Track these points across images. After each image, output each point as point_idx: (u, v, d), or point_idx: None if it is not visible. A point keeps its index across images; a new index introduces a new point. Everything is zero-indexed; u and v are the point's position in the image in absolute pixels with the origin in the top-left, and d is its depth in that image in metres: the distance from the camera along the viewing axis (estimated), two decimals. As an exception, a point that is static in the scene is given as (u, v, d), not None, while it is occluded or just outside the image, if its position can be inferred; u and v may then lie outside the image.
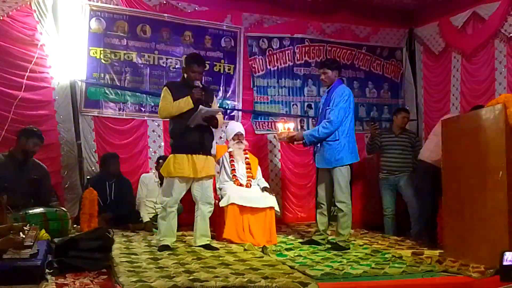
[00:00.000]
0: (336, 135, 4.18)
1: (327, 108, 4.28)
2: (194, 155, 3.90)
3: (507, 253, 2.96)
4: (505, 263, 2.95)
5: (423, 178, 4.65)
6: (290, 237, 4.84)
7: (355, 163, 4.39)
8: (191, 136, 3.89)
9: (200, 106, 3.80)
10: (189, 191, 4.05)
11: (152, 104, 5.49)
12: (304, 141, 4.34)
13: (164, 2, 5.58)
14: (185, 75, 4.03)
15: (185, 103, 3.86)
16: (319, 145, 4.29)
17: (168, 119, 4.09)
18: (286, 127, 4.45)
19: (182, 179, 3.91)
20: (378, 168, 5.49)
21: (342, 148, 4.18)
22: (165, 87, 3.99)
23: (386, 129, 5.71)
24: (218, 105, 4.94)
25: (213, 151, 4.70)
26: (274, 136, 5.92)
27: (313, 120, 5.98)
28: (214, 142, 4.39)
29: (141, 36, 5.46)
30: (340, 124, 4.17)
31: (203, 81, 4.17)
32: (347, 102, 4.22)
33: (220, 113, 4.10)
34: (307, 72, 6.24)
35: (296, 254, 3.88)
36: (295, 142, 4.57)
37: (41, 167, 4.35)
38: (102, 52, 5.27)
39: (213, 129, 4.09)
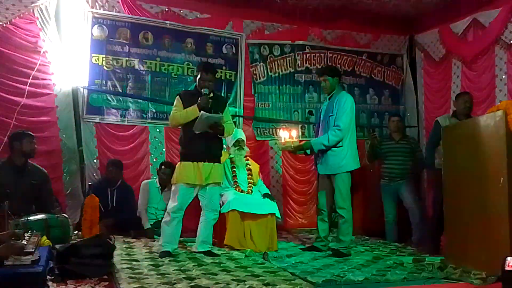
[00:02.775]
0: (340, 142, 4.20)
1: (330, 115, 4.29)
2: (199, 163, 3.94)
3: (509, 259, 2.94)
4: (507, 268, 2.93)
5: (433, 183, 4.66)
6: (291, 243, 4.84)
7: (356, 170, 4.40)
8: (197, 144, 3.93)
9: (202, 112, 3.82)
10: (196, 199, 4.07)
11: (154, 110, 5.51)
12: (311, 149, 4.34)
13: (166, 9, 5.62)
14: (196, 84, 4.08)
15: (192, 111, 3.90)
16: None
17: (179, 128, 4.13)
18: (289, 135, 4.45)
19: (187, 185, 3.94)
20: (379, 174, 5.50)
21: (346, 155, 4.20)
22: (177, 96, 4.07)
23: (386, 136, 5.72)
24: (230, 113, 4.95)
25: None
26: (276, 142, 5.94)
27: (314, 127, 5.98)
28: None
29: (143, 43, 5.49)
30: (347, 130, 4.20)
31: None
32: (351, 108, 4.25)
33: (231, 121, 4.13)
34: (308, 78, 6.27)
35: (297, 261, 3.87)
36: (298, 152, 4.57)
37: (41, 171, 4.35)
38: (104, 59, 5.30)
39: (221, 137, 4.11)
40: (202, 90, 3.94)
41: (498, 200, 3.22)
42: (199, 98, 3.90)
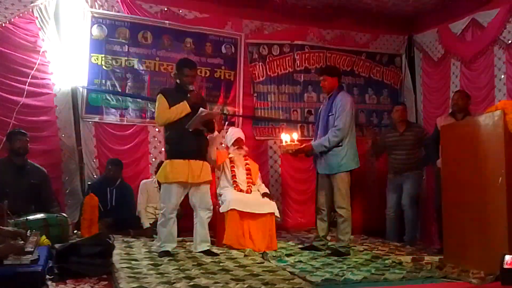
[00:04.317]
0: (340, 142, 4.21)
1: (329, 114, 4.30)
2: (191, 161, 3.91)
3: (507, 257, 2.95)
4: (505, 266, 2.95)
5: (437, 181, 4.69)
6: (290, 242, 4.84)
7: (356, 169, 4.41)
8: (188, 141, 3.90)
9: (201, 108, 3.82)
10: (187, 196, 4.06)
11: (153, 110, 5.46)
12: (312, 151, 4.34)
13: (166, 9, 5.62)
14: (178, 81, 4.05)
15: (183, 107, 3.87)
16: (321, 151, 4.31)
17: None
18: (290, 138, 4.43)
19: (180, 184, 3.91)
20: (378, 174, 5.50)
21: (345, 154, 4.21)
22: (159, 94, 3.99)
23: (390, 126, 5.64)
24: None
25: (213, 157, 4.72)
26: (279, 146, 5.92)
27: (313, 126, 5.99)
28: (214, 148, 4.41)
29: (142, 42, 5.48)
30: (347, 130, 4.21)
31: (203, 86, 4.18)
32: (351, 108, 4.26)
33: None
34: (307, 78, 6.26)
35: (296, 260, 3.89)
36: (298, 155, 4.55)
37: (40, 171, 4.35)
38: (103, 58, 5.30)
39: (211, 134, 4.11)
40: (189, 87, 3.92)
41: (497, 199, 3.23)
42: (189, 94, 3.88)
